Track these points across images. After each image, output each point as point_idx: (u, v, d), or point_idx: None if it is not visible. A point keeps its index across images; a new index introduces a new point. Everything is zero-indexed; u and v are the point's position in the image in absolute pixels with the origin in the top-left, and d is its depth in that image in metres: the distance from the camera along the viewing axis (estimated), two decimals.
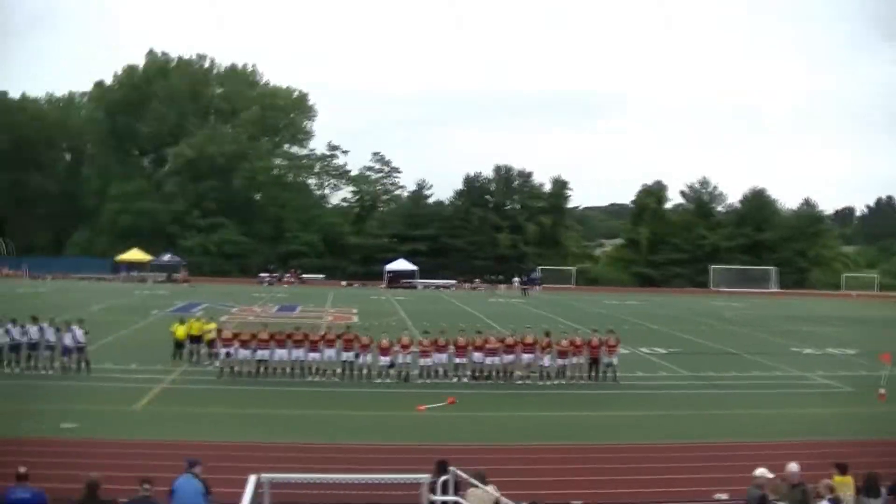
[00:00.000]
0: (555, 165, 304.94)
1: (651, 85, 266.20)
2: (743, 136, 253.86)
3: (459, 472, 15.59)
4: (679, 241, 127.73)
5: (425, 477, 14.81)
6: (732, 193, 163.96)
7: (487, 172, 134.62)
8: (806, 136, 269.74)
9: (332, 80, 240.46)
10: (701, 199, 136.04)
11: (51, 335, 34.88)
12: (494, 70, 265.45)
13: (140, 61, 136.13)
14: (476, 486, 15.32)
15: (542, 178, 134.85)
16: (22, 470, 14.74)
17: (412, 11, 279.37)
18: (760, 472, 15.83)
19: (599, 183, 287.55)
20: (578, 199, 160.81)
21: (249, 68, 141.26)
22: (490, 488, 15.39)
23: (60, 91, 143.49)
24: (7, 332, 34.75)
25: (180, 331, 38.26)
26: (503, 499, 15.16)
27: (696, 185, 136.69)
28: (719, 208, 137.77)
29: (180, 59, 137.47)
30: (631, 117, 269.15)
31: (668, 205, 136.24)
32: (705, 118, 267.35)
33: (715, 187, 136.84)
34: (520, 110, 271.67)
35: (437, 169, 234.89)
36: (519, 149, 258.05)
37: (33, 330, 34.94)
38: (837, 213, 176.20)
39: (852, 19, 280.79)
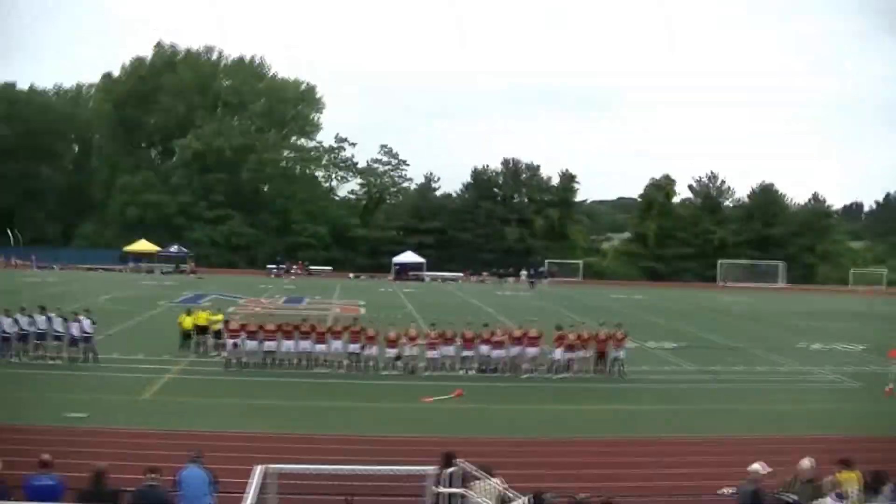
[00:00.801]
0: (563, 159, 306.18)
1: (659, 77, 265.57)
2: (751, 131, 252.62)
3: (466, 465, 15.58)
4: (687, 235, 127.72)
5: (432, 469, 14.82)
6: (740, 188, 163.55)
7: (495, 165, 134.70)
8: (811, 131, 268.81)
9: (340, 73, 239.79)
10: (709, 194, 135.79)
11: (58, 325, 35.05)
12: (502, 62, 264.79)
13: (148, 53, 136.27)
14: (482, 479, 15.33)
15: (550, 172, 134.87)
16: (46, 457, 14.79)
17: (420, 4, 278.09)
18: (755, 467, 15.82)
19: (607, 176, 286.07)
20: (586, 192, 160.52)
21: (257, 61, 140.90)
22: (496, 481, 15.39)
23: (68, 83, 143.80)
24: (15, 321, 34.88)
25: (187, 321, 38.30)
26: (509, 491, 15.16)
27: (704, 180, 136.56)
28: (727, 203, 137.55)
29: (188, 51, 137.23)
30: (639, 110, 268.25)
31: (676, 199, 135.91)
32: (714, 112, 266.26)
33: (723, 181, 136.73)
34: (528, 103, 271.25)
35: (445, 162, 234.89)
36: (527, 142, 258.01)
37: (41, 320, 35.09)
38: (846, 208, 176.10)
39: (856, 14, 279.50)
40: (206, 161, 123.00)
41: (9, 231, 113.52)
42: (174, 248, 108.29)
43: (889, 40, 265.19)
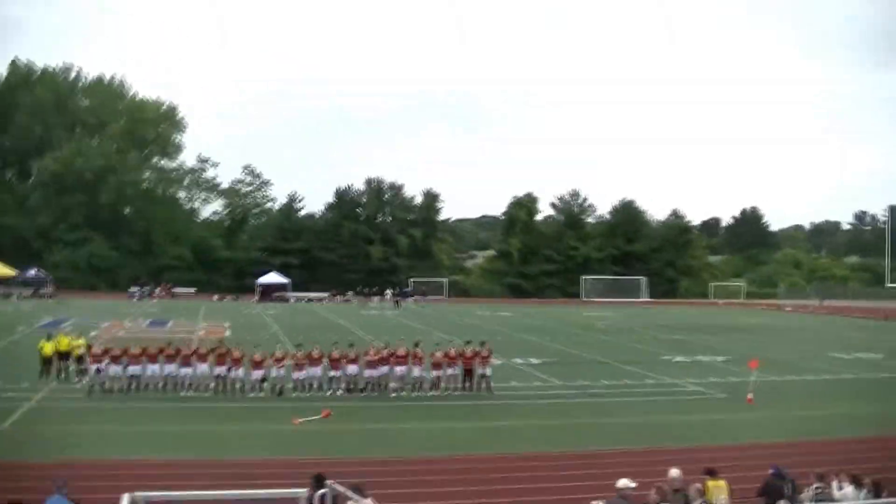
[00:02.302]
0: (426, 178, 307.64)
1: (518, 85, 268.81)
2: (611, 149, 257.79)
3: (337, 486, 15.58)
4: (551, 252, 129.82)
5: (302, 492, 14.77)
6: (602, 205, 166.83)
7: (359, 185, 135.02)
8: (673, 148, 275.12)
9: (200, 92, 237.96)
10: (571, 211, 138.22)
11: None
12: (361, 79, 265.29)
13: (1, 70, 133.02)
14: (354, 500, 15.34)
15: (414, 191, 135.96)
16: None
17: (281, 20, 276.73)
18: (623, 482, 16.08)
19: (470, 195, 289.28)
20: (450, 211, 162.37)
21: (117, 80, 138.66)
22: (368, 501, 15.42)
23: None
24: None
25: (48, 347, 37.46)
26: None
27: (567, 197, 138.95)
28: (590, 220, 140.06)
29: (45, 69, 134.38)
30: (500, 126, 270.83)
31: (539, 216, 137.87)
32: (575, 128, 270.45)
33: (585, 199, 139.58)
34: (391, 121, 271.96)
35: (308, 182, 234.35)
36: (389, 161, 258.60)
37: None
38: (704, 224, 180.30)
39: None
40: (65, 182, 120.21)
41: None
42: (32, 272, 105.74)
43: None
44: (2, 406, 31.36)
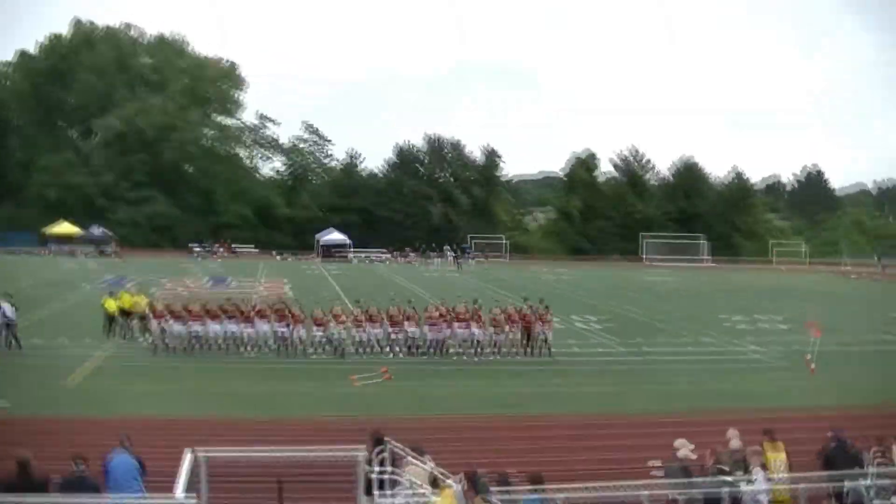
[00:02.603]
0: (485, 135, 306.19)
1: (579, 53, 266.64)
2: (673, 106, 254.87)
3: (395, 445, 15.59)
4: (610, 211, 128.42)
5: (361, 450, 14.80)
6: (662, 163, 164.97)
7: (419, 143, 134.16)
8: (733, 106, 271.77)
9: (261, 49, 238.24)
10: (632, 169, 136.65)
11: None
12: (426, 38, 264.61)
13: (65, 30, 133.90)
14: (412, 458, 15.35)
15: (473, 148, 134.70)
16: None
17: None
18: (680, 442, 15.95)
19: (531, 152, 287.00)
20: (510, 168, 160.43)
21: (178, 38, 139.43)
22: (426, 460, 15.43)
23: None
24: None
25: (111, 304, 37.89)
26: (439, 469, 15.19)
27: (627, 155, 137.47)
28: (650, 179, 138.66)
29: (107, 28, 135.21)
30: (560, 84, 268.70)
31: (599, 175, 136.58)
32: (635, 86, 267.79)
33: (644, 157, 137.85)
34: (451, 79, 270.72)
35: (368, 140, 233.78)
36: (449, 118, 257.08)
37: None
38: (766, 185, 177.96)
39: None
40: (128, 141, 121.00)
41: None
42: (96, 230, 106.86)
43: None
44: (66, 362, 31.84)
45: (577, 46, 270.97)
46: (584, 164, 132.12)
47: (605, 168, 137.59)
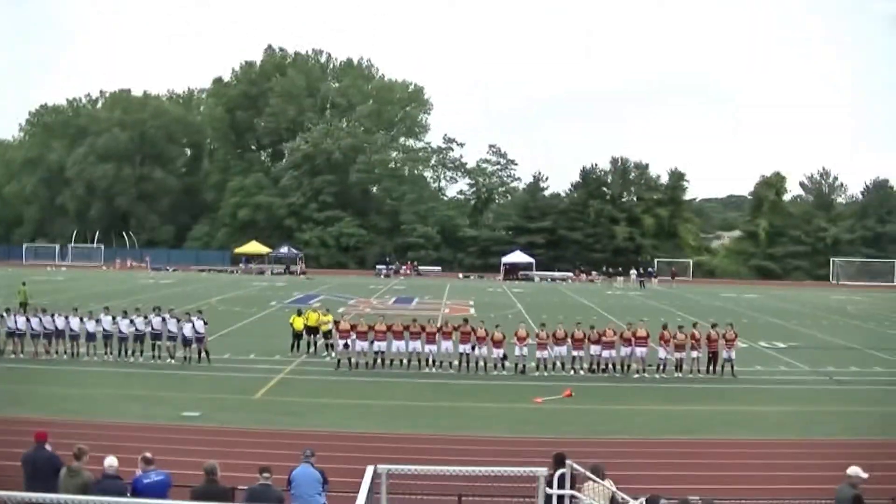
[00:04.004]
0: (671, 156, 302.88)
1: (766, 72, 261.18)
2: (862, 124, 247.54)
3: (576, 466, 15.38)
4: (799, 233, 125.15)
5: (542, 470, 14.63)
6: (853, 184, 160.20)
7: (603, 164, 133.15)
8: None
9: (445, 73, 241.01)
10: (821, 190, 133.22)
11: (172, 326, 35.62)
12: (605, 59, 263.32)
13: (257, 57, 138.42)
14: (593, 480, 15.11)
15: (658, 170, 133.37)
16: (148, 454, 14.90)
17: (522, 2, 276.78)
18: (853, 470, 15.25)
19: (717, 173, 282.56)
20: (696, 190, 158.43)
21: (365, 63, 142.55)
22: (607, 482, 15.16)
23: (180, 87, 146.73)
24: (131, 322, 35.67)
25: (298, 322, 38.60)
26: (620, 493, 14.91)
27: (816, 176, 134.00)
28: (840, 199, 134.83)
29: (297, 54, 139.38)
30: (749, 107, 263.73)
31: (787, 196, 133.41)
32: (824, 106, 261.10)
33: (835, 178, 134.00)
34: (636, 100, 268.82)
35: (551, 161, 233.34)
36: (634, 139, 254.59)
37: (156, 320, 35.76)
38: None
39: None
40: (316, 163, 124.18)
41: (124, 233, 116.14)
42: (285, 250, 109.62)
43: None
44: (255, 376, 32.56)
45: (769, 68, 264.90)
46: (772, 185, 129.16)
47: (794, 190, 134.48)
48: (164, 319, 35.92)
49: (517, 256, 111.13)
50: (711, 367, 35.43)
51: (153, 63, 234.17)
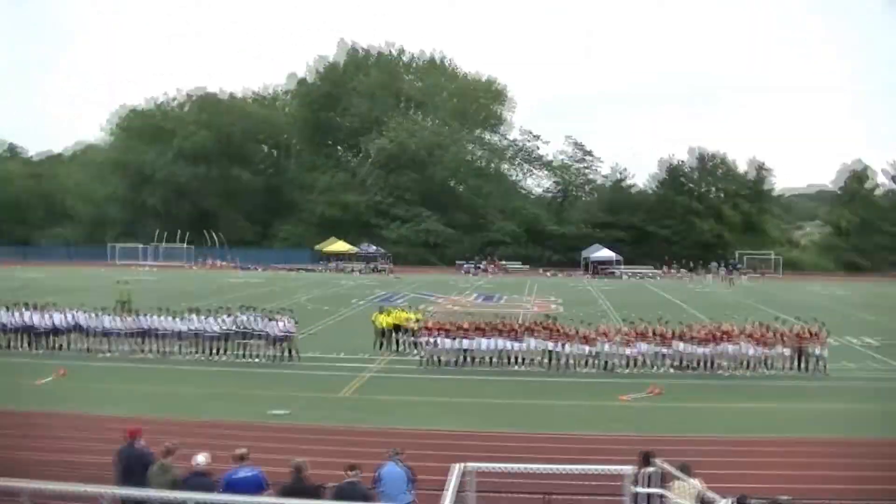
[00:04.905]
0: (752, 147, 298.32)
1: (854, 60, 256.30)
2: None
3: (664, 464, 15.29)
4: (888, 225, 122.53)
5: (630, 468, 14.58)
6: None
7: (680, 155, 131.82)
8: None
9: (525, 69, 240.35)
10: None
11: (261, 324, 35.99)
12: (680, 50, 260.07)
13: (329, 51, 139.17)
14: (680, 479, 15.02)
15: (740, 161, 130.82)
16: (241, 451, 15.08)
17: None
18: None
19: (798, 163, 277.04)
20: (779, 181, 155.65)
21: (445, 60, 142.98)
22: (695, 481, 15.06)
23: (255, 84, 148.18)
24: (222, 321, 36.17)
25: (381, 320, 38.83)
26: (708, 492, 14.81)
27: None
28: None
29: (379, 53, 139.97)
30: (825, 93, 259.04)
31: (872, 186, 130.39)
32: None
33: None
34: (710, 89, 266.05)
35: (627, 151, 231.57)
36: (709, 128, 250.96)
37: (245, 319, 36.18)
38: None
39: None
40: (399, 160, 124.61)
41: (210, 233, 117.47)
42: (369, 248, 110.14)
43: None
44: (342, 374, 32.81)
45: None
46: (856, 176, 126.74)
47: (879, 179, 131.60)
48: (252, 318, 36.37)
49: (602, 252, 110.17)
50: (801, 364, 34.96)
51: (226, 62, 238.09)
